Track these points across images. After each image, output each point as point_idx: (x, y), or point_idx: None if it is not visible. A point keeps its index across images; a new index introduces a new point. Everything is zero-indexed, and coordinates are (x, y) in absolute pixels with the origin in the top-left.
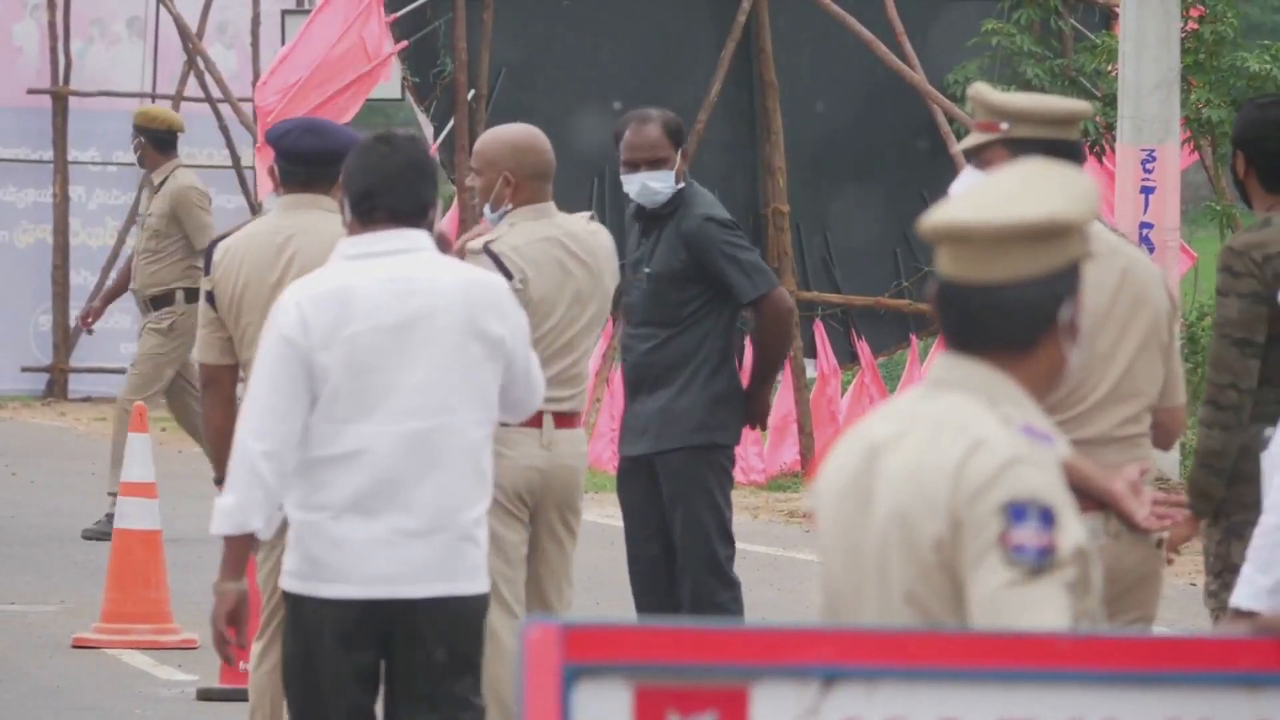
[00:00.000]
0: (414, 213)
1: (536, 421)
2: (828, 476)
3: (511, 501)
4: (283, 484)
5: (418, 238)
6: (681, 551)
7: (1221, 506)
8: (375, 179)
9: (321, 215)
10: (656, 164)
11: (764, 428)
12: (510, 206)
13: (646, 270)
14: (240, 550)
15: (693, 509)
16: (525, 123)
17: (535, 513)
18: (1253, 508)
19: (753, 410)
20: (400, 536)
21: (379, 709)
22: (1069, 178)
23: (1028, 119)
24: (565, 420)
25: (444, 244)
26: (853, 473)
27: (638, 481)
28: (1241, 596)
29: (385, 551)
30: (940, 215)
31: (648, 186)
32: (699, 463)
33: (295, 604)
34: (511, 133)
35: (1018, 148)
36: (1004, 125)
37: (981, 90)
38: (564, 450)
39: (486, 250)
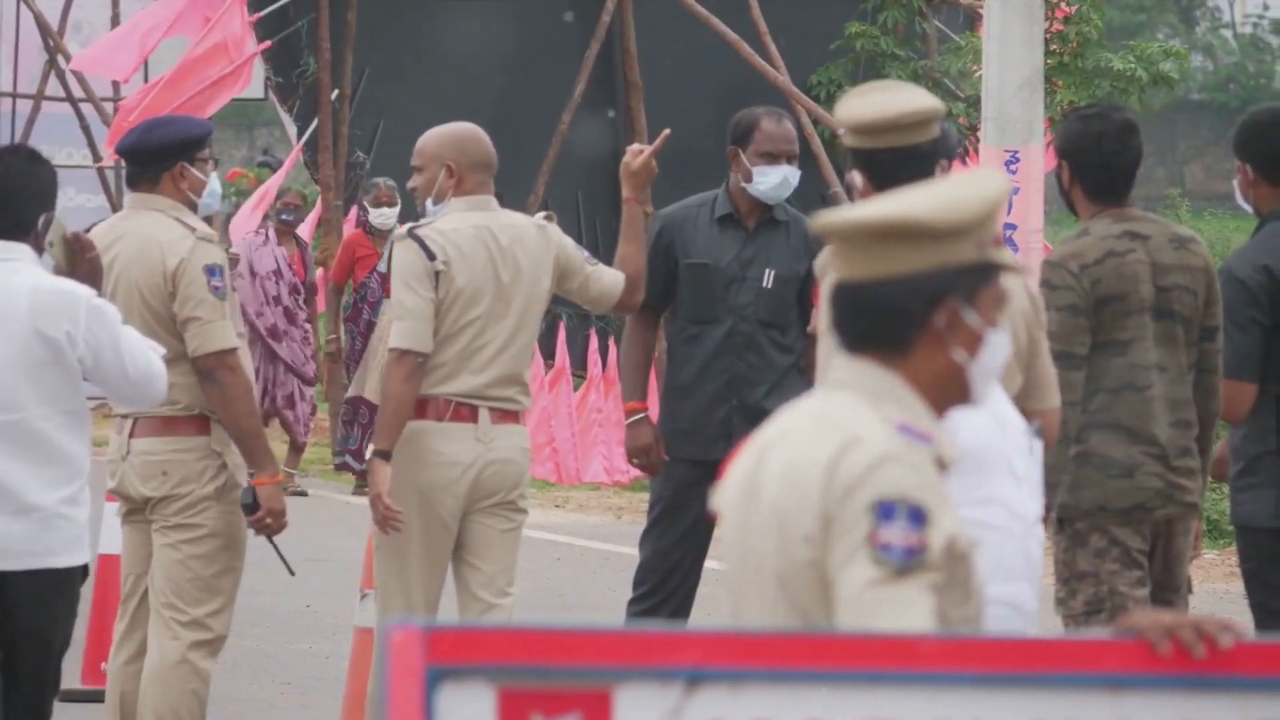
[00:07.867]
0: (13, 227)
1: (432, 414)
2: (729, 476)
3: (416, 506)
4: None
5: (14, 250)
6: None
7: (1065, 514)
8: None
9: (148, 216)
10: (793, 159)
11: None
12: (451, 199)
13: (770, 270)
14: None
15: None
16: (386, 122)
17: (467, 511)
18: (1094, 514)
19: None
20: None
21: None
22: (960, 184)
23: (855, 131)
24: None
25: (78, 245)
26: (746, 471)
27: (707, 484)
28: None
29: None
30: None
31: (788, 180)
32: None
33: None
34: (453, 127)
35: (859, 158)
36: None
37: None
38: (502, 445)
39: (410, 234)
